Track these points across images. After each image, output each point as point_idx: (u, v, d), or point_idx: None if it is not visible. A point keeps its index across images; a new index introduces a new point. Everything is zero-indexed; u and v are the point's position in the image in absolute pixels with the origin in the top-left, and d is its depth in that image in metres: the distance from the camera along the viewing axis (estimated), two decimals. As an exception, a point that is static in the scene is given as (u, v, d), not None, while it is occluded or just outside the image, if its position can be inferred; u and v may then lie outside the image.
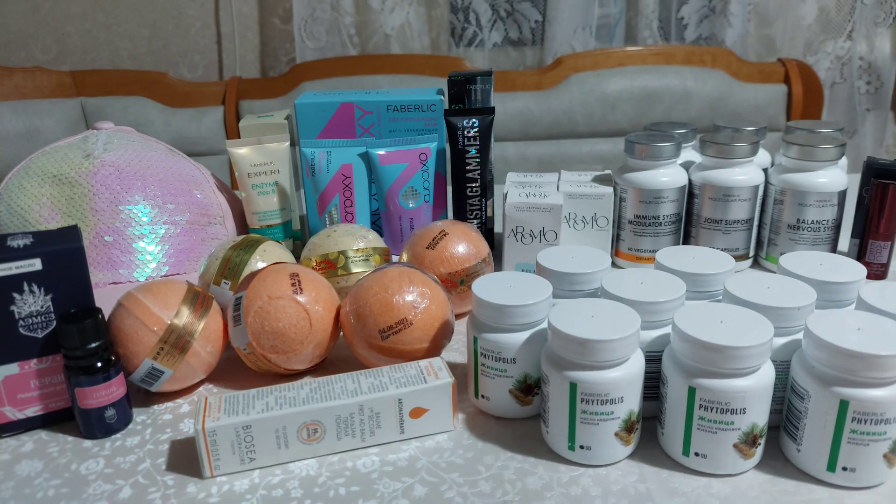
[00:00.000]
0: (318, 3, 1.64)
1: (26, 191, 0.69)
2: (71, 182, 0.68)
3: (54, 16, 1.69)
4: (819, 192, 0.70)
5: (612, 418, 0.45)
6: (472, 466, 0.47)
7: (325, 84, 1.58)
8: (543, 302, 0.50)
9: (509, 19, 1.74)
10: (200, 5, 1.70)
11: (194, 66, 1.75)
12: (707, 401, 0.43)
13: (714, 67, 1.58)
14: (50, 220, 0.67)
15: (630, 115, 1.57)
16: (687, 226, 0.76)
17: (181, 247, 0.71)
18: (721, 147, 0.71)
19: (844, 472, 0.43)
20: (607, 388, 0.44)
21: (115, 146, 0.72)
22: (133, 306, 0.52)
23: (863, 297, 0.50)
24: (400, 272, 0.55)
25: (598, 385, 0.44)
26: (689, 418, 0.45)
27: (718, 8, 1.66)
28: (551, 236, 0.71)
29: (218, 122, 1.60)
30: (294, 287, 0.54)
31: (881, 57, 1.67)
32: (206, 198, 0.75)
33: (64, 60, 1.73)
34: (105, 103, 1.59)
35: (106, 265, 0.67)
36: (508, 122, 1.56)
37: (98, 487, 0.46)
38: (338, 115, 0.80)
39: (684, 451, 0.46)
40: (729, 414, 0.43)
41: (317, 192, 0.79)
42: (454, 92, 0.79)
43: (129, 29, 1.71)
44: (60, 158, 0.70)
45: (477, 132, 0.74)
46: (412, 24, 1.68)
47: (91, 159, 0.69)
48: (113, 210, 0.68)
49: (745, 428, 0.44)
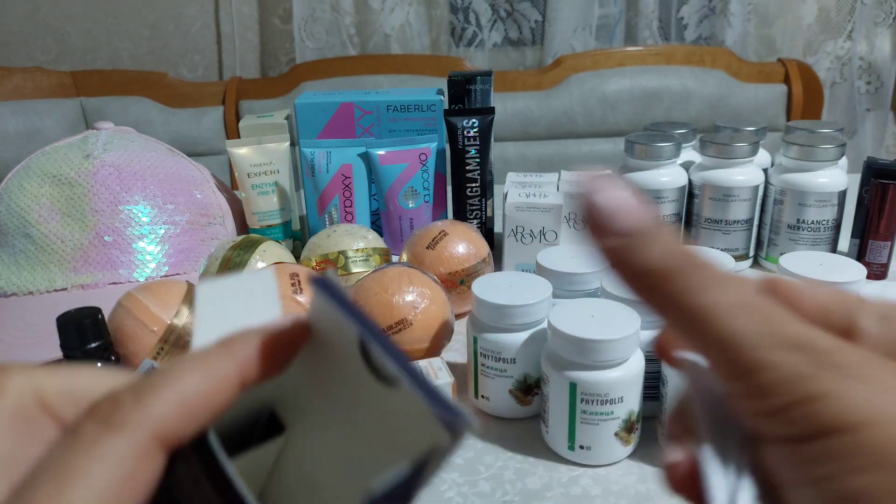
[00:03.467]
0: (318, 3, 1.64)
1: (26, 191, 0.69)
2: (71, 182, 0.68)
3: (54, 16, 1.69)
4: (819, 192, 0.70)
5: (612, 418, 0.45)
6: (471, 466, 0.47)
7: (325, 84, 1.58)
8: (543, 302, 0.50)
9: (509, 19, 1.73)
10: (200, 5, 1.70)
11: (194, 67, 1.75)
12: (707, 401, 0.43)
13: (714, 67, 1.58)
14: (50, 220, 0.67)
15: (630, 115, 1.57)
16: (687, 226, 0.76)
17: (181, 247, 0.71)
18: (721, 147, 0.71)
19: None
20: (607, 388, 0.44)
21: (115, 146, 0.72)
22: (133, 306, 0.52)
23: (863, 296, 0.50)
24: (400, 272, 0.55)
25: (598, 385, 0.44)
26: (689, 418, 0.44)
27: (718, 8, 1.66)
28: (551, 236, 0.71)
29: (218, 122, 1.60)
30: (294, 287, 0.54)
31: (881, 57, 1.67)
32: (206, 198, 0.75)
33: (64, 60, 1.73)
34: (105, 103, 1.59)
35: (106, 265, 0.67)
36: (508, 122, 1.56)
37: (98, 487, 0.46)
38: (338, 115, 0.80)
39: (684, 451, 0.46)
40: (729, 414, 0.43)
41: (317, 192, 0.79)
42: (454, 92, 0.79)
43: (129, 29, 1.71)
44: (60, 158, 0.70)
45: (477, 132, 0.74)
46: (412, 24, 1.68)
47: (91, 159, 0.69)
48: (113, 210, 0.68)
49: (745, 428, 0.44)
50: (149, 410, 0.15)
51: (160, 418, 0.15)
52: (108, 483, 0.14)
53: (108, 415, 0.15)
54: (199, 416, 0.16)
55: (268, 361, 0.17)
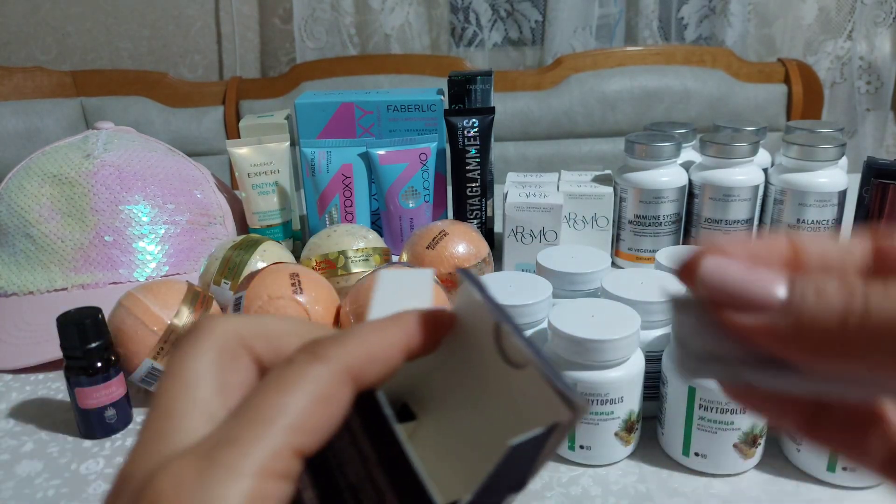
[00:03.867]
0: (318, 3, 1.64)
1: (26, 191, 0.69)
2: (71, 182, 0.68)
3: (54, 16, 1.69)
4: (819, 192, 0.70)
5: (612, 418, 0.45)
6: (472, 466, 0.47)
7: (325, 84, 1.58)
8: (543, 302, 0.50)
9: (509, 19, 1.73)
10: (200, 5, 1.70)
11: (194, 66, 1.75)
12: (707, 401, 0.43)
13: (714, 67, 1.58)
14: (50, 219, 0.67)
15: (630, 115, 1.57)
16: (687, 226, 0.76)
17: (181, 247, 0.71)
18: (721, 147, 0.71)
19: (844, 472, 0.43)
20: (607, 388, 0.44)
21: (116, 146, 0.72)
22: (133, 306, 0.52)
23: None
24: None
25: (598, 385, 0.44)
26: (689, 418, 0.45)
27: (718, 8, 1.66)
28: (551, 236, 0.71)
29: (218, 122, 1.60)
30: (294, 287, 0.54)
31: (881, 57, 1.67)
32: (206, 198, 0.75)
33: (64, 60, 1.72)
34: (105, 103, 1.59)
35: (106, 265, 0.67)
36: (508, 122, 1.56)
37: (98, 487, 0.46)
38: (338, 115, 0.80)
39: (684, 451, 0.46)
40: (729, 414, 0.43)
41: (317, 192, 0.79)
42: (454, 92, 0.79)
43: (129, 29, 1.71)
44: (60, 158, 0.70)
45: (477, 132, 0.74)
46: (412, 24, 1.68)
47: (91, 159, 0.69)
48: (113, 210, 0.68)
49: (745, 428, 0.44)
50: (345, 350, 0.19)
51: (354, 357, 0.19)
52: (313, 397, 0.18)
53: (314, 350, 0.19)
54: (378, 367, 0.20)
55: (426, 336, 0.21)
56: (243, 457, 0.17)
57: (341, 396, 0.19)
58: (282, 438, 0.18)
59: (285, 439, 0.18)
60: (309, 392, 0.18)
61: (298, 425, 0.18)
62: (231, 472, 0.17)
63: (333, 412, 0.19)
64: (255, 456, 0.17)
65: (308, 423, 0.18)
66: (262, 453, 0.17)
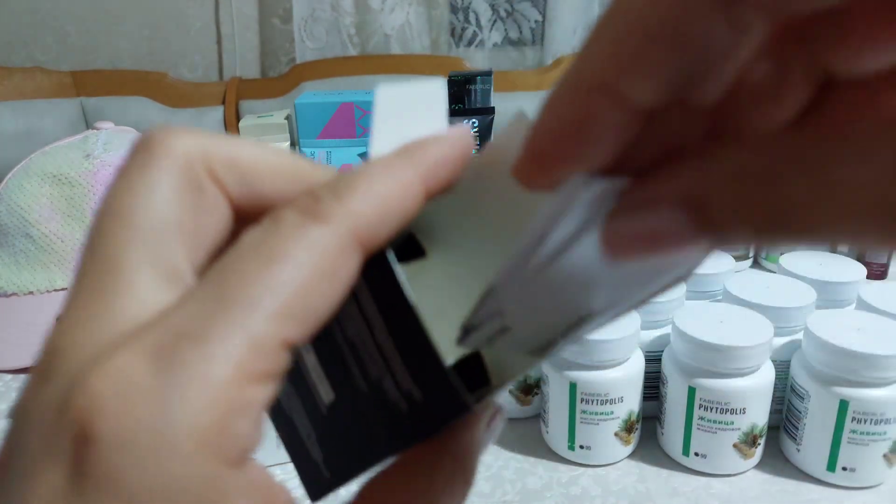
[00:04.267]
0: (318, 3, 1.64)
1: (26, 191, 0.69)
2: (71, 182, 0.68)
3: (54, 16, 1.69)
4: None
5: (611, 418, 0.45)
6: (472, 466, 0.47)
7: (325, 84, 1.58)
8: (543, 302, 0.50)
9: (509, 19, 1.74)
10: (200, 5, 1.70)
11: (194, 67, 1.75)
12: (707, 401, 0.43)
13: (714, 67, 1.58)
14: (50, 219, 0.67)
15: (630, 116, 1.57)
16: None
17: (181, 247, 0.71)
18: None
19: (844, 472, 0.43)
20: (607, 388, 0.44)
21: (116, 146, 0.72)
22: (133, 306, 0.52)
23: (863, 297, 0.50)
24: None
25: (597, 385, 0.44)
26: (689, 418, 0.45)
27: (718, 8, 1.67)
28: (551, 236, 0.71)
29: (218, 122, 1.60)
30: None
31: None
32: (206, 198, 0.75)
33: (64, 60, 1.73)
34: (105, 103, 1.59)
35: (106, 265, 0.67)
36: (508, 123, 1.56)
37: (98, 487, 0.46)
38: (338, 115, 0.80)
39: (684, 451, 0.46)
40: (729, 414, 0.43)
41: (317, 192, 0.79)
42: (454, 92, 0.79)
43: (129, 29, 1.71)
44: (60, 158, 0.70)
45: (477, 132, 0.74)
46: (412, 25, 1.68)
47: (91, 159, 0.69)
48: (113, 210, 0.68)
49: (744, 428, 0.44)
50: (349, 207, 0.14)
51: (361, 216, 0.14)
52: (312, 270, 0.14)
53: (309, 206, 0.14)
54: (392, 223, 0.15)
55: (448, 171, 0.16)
56: (214, 358, 0.12)
57: (347, 268, 0.14)
58: (268, 328, 0.13)
59: (272, 329, 0.13)
60: (306, 264, 0.14)
61: (291, 310, 0.13)
62: (197, 378, 0.12)
63: (336, 289, 0.14)
64: (232, 356, 0.13)
65: (303, 306, 0.14)
66: (239, 351, 0.13)
